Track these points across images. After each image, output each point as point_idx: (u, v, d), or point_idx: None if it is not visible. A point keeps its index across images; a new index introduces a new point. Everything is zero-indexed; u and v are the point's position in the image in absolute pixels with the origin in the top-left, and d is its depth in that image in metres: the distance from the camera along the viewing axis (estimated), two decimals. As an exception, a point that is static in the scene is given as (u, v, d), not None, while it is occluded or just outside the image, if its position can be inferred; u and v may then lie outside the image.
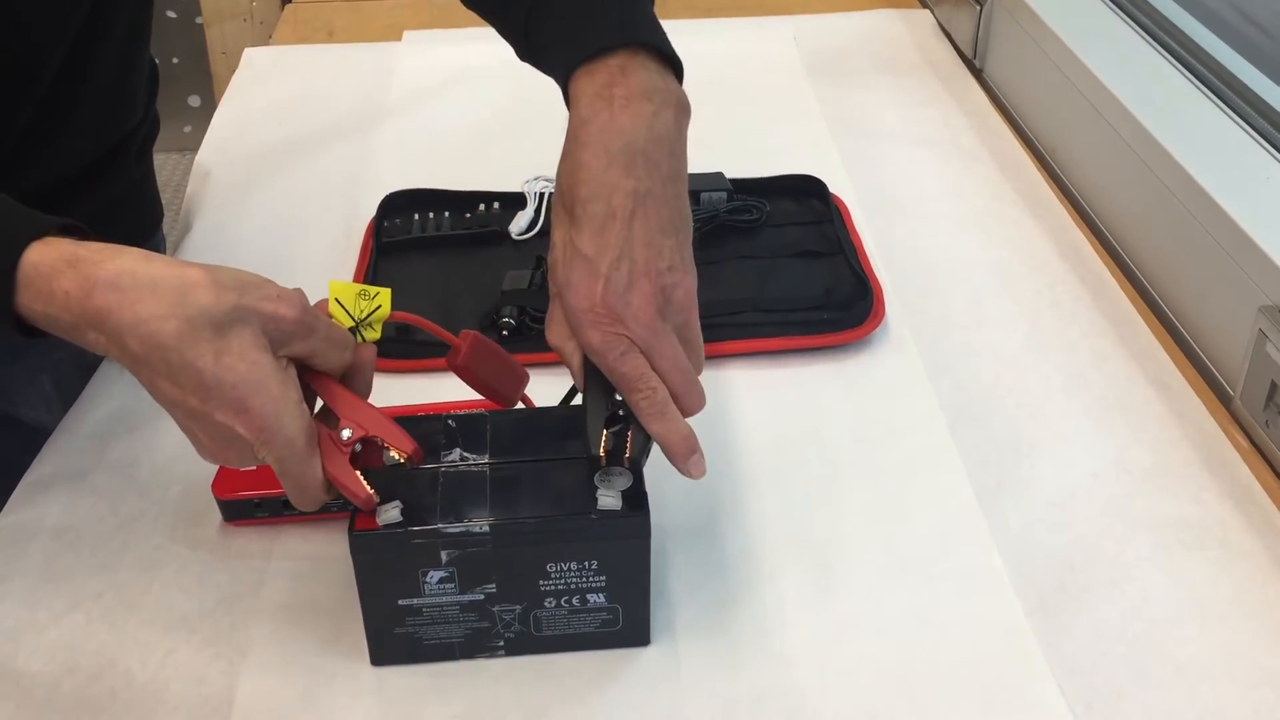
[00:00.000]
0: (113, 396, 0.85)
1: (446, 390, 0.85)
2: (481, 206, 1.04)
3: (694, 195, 1.03)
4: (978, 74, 1.33)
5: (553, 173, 1.06)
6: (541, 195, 1.05)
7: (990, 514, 0.76)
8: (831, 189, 1.07)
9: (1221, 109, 0.98)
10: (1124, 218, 1.04)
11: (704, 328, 0.88)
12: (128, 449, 0.81)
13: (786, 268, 0.97)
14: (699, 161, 1.07)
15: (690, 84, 1.31)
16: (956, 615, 0.69)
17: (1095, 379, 0.87)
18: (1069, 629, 0.68)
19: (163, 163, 2.86)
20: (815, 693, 0.65)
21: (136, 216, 0.99)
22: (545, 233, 1.02)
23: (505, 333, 0.89)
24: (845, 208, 1.06)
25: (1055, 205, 1.08)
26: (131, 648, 0.67)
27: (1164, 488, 0.78)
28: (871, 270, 0.96)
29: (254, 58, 1.33)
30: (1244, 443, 0.81)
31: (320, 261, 1.00)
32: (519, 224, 1.02)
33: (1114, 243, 1.05)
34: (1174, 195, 0.93)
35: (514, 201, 1.05)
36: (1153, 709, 0.64)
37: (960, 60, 1.35)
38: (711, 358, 0.88)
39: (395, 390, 0.86)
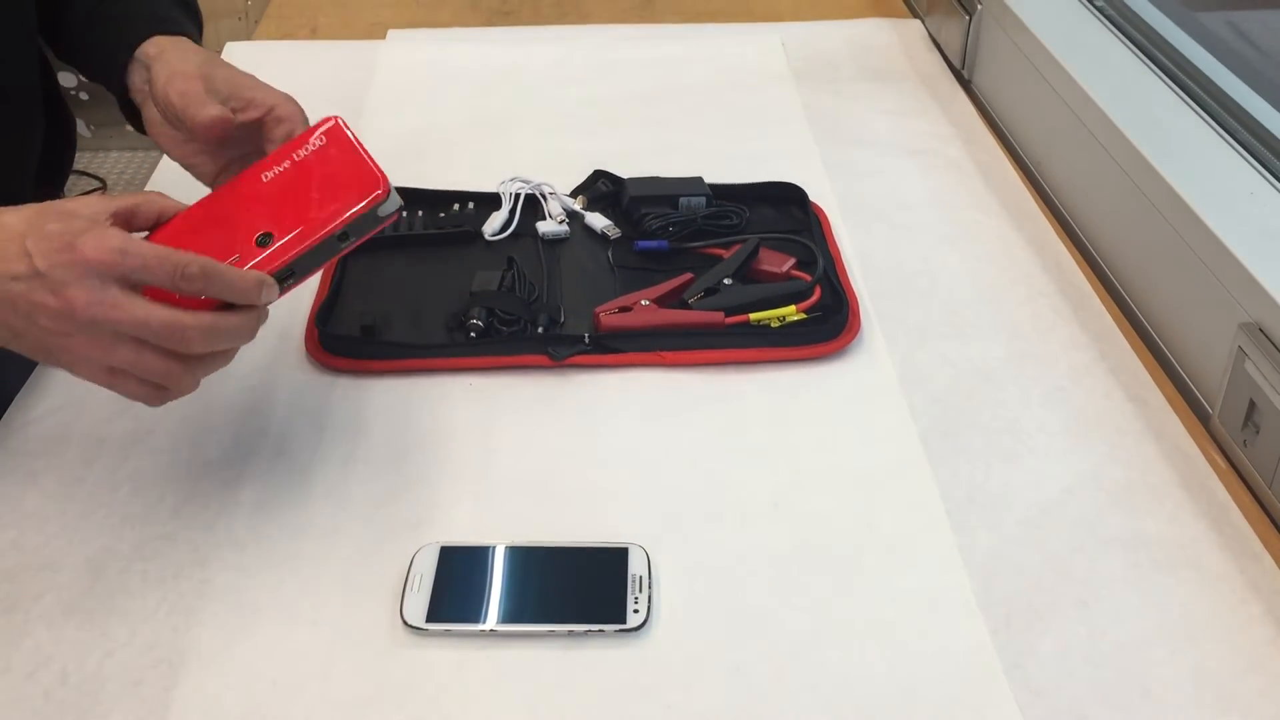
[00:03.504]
0: (58, 392, 0.83)
1: (422, 390, 0.84)
2: (456, 206, 1.03)
3: (672, 199, 1.01)
4: (966, 84, 1.32)
5: (530, 175, 1.06)
6: (517, 197, 1.03)
7: (959, 529, 0.74)
8: (813, 197, 1.06)
9: (1208, 123, 0.97)
10: (1107, 231, 1.02)
11: (678, 336, 0.87)
12: (77, 447, 0.79)
13: (763, 275, 0.95)
14: (680, 166, 1.07)
15: (676, 88, 1.31)
16: (918, 632, 0.67)
17: (1073, 394, 0.86)
18: (1034, 649, 0.66)
19: (142, 160, 2.85)
20: (770, 709, 0.63)
21: None
22: (519, 234, 1.00)
23: (474, 334, 0.87)
24: (825, 216, 1.04)
25: (1039, 218, 1.06)
26: (69, 649, 0.65)
27: (1138, 506, 0.76)
28: (848, 282, 0.95)
29: (235, 51, 1.32)
30: (1221, 462, 0.80)
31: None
32: (493, 225, 1.00)
33: (1096, 256, 1.04)
34: (1157, 209, 0.91)
35: (489, 202, 1.03)
36: (1118, 733, 0.62)
37: (949, 70, 1.34)
38: (685, 366, 0.87)
39: (360, 389, 0.84)
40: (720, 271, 0.93)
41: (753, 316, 0.89)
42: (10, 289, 0.62)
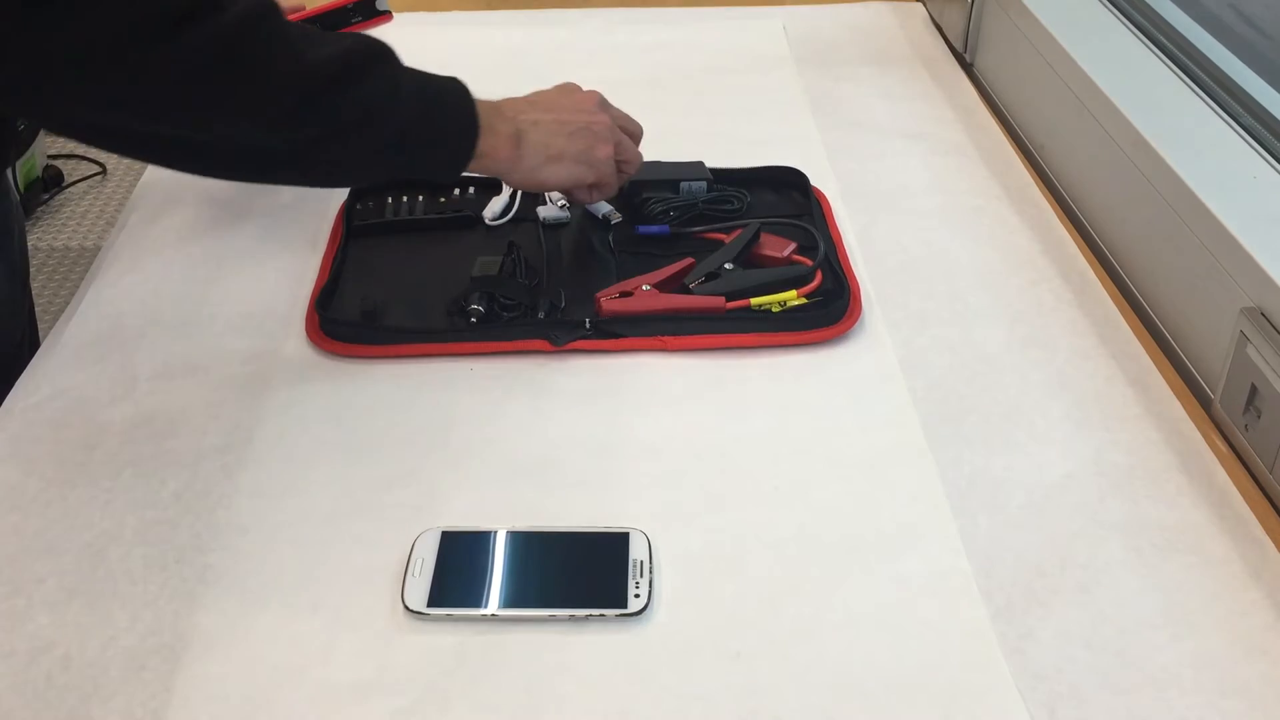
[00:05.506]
0: (60, 377, 0.83)
1: (423, 375, 0.84)
2: (456, 191, 1.02)
3: (673, 184, 1.01)
4: (968, 68, 1.31)
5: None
6: (518, 181, 1.03)
7: (960, 514, 0.74)
8: (815, 181, 1.05)
9: (1211, 106, 0.96)
10: (1110, 215, 1.02)
11: (679, 321, 0.87)
12: (79, 432, 0.79)
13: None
14: (682, 150, 1.07)
15: (677, 72, 1.30)
16: (920, 617, 0.67)
17: (1075, 378, 0.86)
18: (1035, 633, 0.67)
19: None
20: (771, 694, 0.63)
21: None
22: (519, 219, 1.00)
23: (474, 320, 0.87)
24: (826, 201, 1.04)
25: (1041, 202, 1.06)
26: (71, 633, 0.65)
27: (1140, 491, 0.76)
28: (850, 267, 0.94)
29: (234, 37, 1.31)
30: (1223, 447, 0.80)
31: (292, 243, 0.98)
32: (493, 209, 1.00)
33: (1099, 240, 1.03)
34: (1159, 193, 0.91)
35: (489, 186, 1.03)
36: (1118, 717, 0.62)
37: (951, 54, 1.33)
38: (686, 351, 0.87)
39: (361, 374, 0.84)
40: (721, 256, 0.93)
41: (754, 301, 0.89)
42: (600, 120, 0.91)
